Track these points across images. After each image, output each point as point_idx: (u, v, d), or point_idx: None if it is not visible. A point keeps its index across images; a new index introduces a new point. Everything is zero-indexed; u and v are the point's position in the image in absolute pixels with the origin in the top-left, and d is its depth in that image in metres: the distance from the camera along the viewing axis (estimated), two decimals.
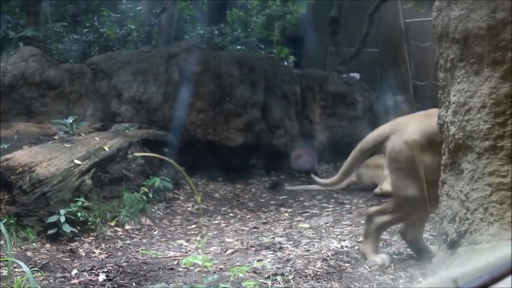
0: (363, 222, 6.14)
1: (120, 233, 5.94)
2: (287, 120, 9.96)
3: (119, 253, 5.24)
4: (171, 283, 4.15)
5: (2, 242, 4.95)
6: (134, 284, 4.18)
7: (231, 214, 7.11)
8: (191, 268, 4.43)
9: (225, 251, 5.21)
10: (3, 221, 5.16)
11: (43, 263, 4.71)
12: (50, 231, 5.46)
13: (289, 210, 7.21)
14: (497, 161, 2.60)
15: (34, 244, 5.37)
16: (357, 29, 12.65)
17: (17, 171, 5.62)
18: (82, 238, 5.60)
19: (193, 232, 6.23)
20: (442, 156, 3.10)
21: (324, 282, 4.02)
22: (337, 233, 5.70)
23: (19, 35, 9.45)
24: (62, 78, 8.69)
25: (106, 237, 5.73)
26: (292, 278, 4.09)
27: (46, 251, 5.22)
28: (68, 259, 4.97)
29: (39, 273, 4.39)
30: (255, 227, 6.29)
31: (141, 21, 10.88)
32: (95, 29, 10.77)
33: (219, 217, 6.93)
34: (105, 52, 9.87)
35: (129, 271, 4.42)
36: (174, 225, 6.56)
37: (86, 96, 8.83)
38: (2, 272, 4.40)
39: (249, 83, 9.48)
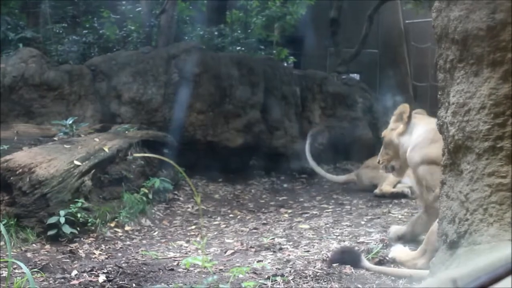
0: (362, 223, 6.17)
1: (120, 234, 5.95)
2: (286, 121, 9.97)
3: (119, 254, 5.24)
4: (171, 284, 4.15)
5: (2, 243, 4.96)
6: (134, 285, 4.18)
7: (231, 215, 7.11)
8: (191, 269, 4.43)
9: (225, 252, 5.21)
10: (3, 222, 5.16)
11: (43, 264, 4.71)
12: (50, 232, 5.46)
13: (289, 211, 7.21)
14: (496, 162, 2.60)
15: (34, 245, 5.37)
16: (357, 30, 12.66)
17: (17, 172, 5.62)
18: (82, 239, 5.60)
19: (193, 233, 6.23)
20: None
21: (324, 283, 4.02)
22: (337, 234, 5.70)
23: (18, 36, 9.46)
24: (61, 79, 8.69)
25: (106, 238, 5.73)
26: (292, 279, 4.09)
27: (46, 252, 5.22)
28: (68, 260, 4.97)
29: (39, 274, 4.39)
30: (255, 228, 6.29)
31: (141, 22, 10.87)
32: (95, 30, 10.76)
33: (219, 218, 6.93)
34: (104, 53, 9.87)
35: (129, 272, 4.42)
36: (174, 226, 6.56)
37: (85, 97, 8.83)
38: (2, 273, 4.40)
39: (248, 84, 9.48)
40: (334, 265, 4.38)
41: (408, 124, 4.77)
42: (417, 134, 4.68)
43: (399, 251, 4.47)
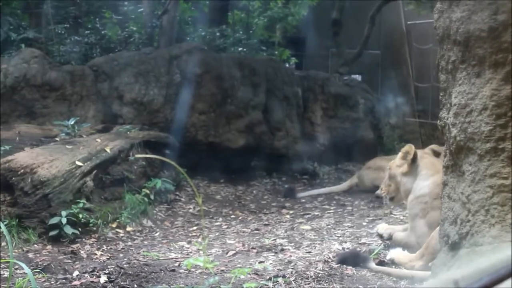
0: (364, 224, 6.17)
1: (121, 234, 5.95)
2: (288, 122, 9.96)
3: (121, 255, 5.24)
4: (172, 284, 4.15)
5: (4, 243, 4.96)
6: (135, 285, 4.19)
7: (232, 216, 7.11)
8: (193, 269, 4.43)
9: (227, 253, 5.21)
10: (5, 223, 5.16)
11: (44, 264, 4.71)
12: (52, 233, 5.46)
13: (291, 212, 7.20)
14: (498, 163, 2.60)
15: (35, 245, 5.37)
16: (359, 31, 12.65)
17: (19, 172, 5.62)
18: (83, 239, 5.60)
19: (194, 234, 6.23)
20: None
21: (325, 284, 4.02)
22: (339, 235, 5.70)
23: (20, 37, 9.47)
24: (63, 80, 8.69)
25: (108, 239, 5.73)
26: (293, 280, 4.09)
27: (47, 253, 5.22)
28: (69, 261, 4.97)
29: (40, 275, 4.40)
30: (256, 229, 6.29)
31: (143, 22, 10.88)
32: (97, 30, 10.77)
33: (220, 219, 6.93)
34: (106, 53, 9.87)
35: (130, 272, 4.42)
36: (175, 226, 6.56)
37: (87, 98, 8.83)
38: (4, 274, 4.40)
39: (250, 85, 9.48)
40: (336, 266, 4.38)
41: (412, 165, 4.79)
42: (419, 186, 4.73)
43: (397, 252, 4.50)
